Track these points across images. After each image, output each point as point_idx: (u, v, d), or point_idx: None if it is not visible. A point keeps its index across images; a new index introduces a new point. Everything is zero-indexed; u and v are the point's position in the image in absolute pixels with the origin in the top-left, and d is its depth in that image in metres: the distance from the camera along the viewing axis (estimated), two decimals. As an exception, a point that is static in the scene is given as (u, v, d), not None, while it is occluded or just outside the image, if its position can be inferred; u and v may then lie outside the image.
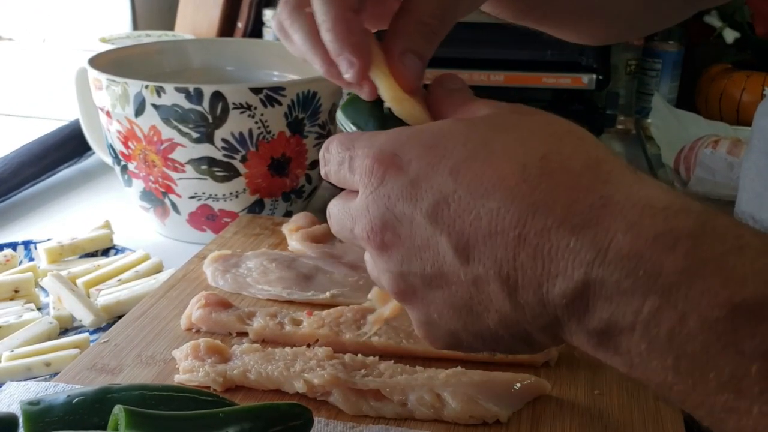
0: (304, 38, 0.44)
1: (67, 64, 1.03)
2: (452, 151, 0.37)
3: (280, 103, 0.82)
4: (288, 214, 0.89)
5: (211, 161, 0.82)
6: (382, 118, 0.44)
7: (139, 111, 0.81)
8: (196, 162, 0.82)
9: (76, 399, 0.46)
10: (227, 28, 1.41)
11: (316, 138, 0.87)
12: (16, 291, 0.73)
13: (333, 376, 0.53)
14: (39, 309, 0.73)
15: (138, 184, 0.88)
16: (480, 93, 0.43)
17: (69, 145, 1.09)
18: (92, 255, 0.83)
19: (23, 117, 1.34)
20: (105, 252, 0.84)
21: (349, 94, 0.47)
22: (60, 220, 0.96)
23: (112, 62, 0.91)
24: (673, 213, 0.33)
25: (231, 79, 1.00)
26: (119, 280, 0.76)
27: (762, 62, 1.38)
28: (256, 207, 0.87)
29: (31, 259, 0.82)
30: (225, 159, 0.83)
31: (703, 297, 0.31)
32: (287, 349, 0.57)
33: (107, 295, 0.72)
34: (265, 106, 0.81)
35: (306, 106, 0.84)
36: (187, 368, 0.55)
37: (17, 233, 0.91)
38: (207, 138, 0.81)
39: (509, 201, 0.35)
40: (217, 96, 0.79)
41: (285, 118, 0.83)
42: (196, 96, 0.79)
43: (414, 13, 0.44)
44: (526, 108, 0.41)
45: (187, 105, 0.79)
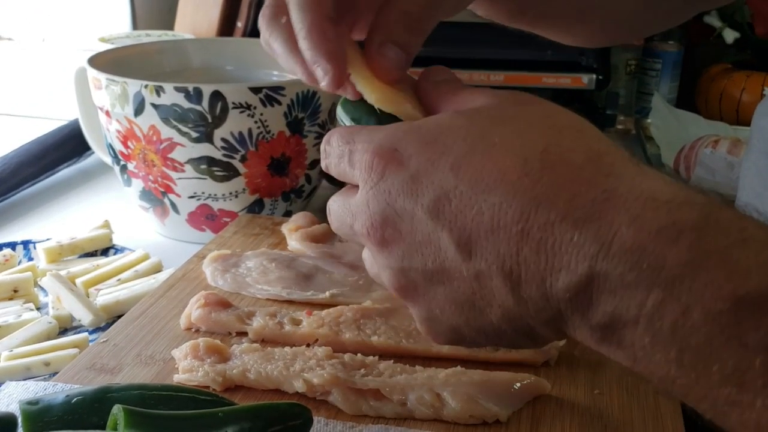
0: (283, 48, 0.44)
1: (67, 64, 1.03)
2: (452, 147, 0.37)
3: (280, 103, 0.82)
4: (288, 214, 0.89)
5: (211, 161, 0.82)
6: (380, 114, 0.44)
7: (139, 110, 0.81)
8: (196, 162, 0.82)
9: (75, 399, 0.46)
10: (227, 28, 1.40)
11: (316, 138, 0.87)
12: (15, 291, 0.73)
13: (332, 376, 0.53)
14: (38, 309, 0.73)
15: (137, 184, 0.87)
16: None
17: (68, 145, 1.09)
18: (91, 255, 0.83)
19: (22, 117, 1.34)
20: (104, 252, 0.84)
21: None
22: (59, 220, 0.96)
23: (112, 62, 0.91)
24: (677, 206, 0.33)
25: (230, 79, 1.00)
26: (118, 280, 0.76)
27: (762, 62, 1.38)
28: (256, 207, 0.87)
29: (30, 259, 0.82)
30: (224, 159, 0.83)
31: (707, 289, 0.31)
32: (287, 349, 0.57)
33: (106, 295, 0.72)
34: (265, 106, 0.81)
35: (305, 106, 0.84)
36: (187, 368, 0.55)
37: (16, 233, 0.91)
38: (206, 138, 0.81)
39: (511, 195, 0.35)
40: (217, 95, 0.79)
41: (284, 118, 0.83)
42: (196, 95, 0.79)
43: (395, 4, 0.43)
44: (525, 96, 0.40)
45: (187, 104, 0.79)
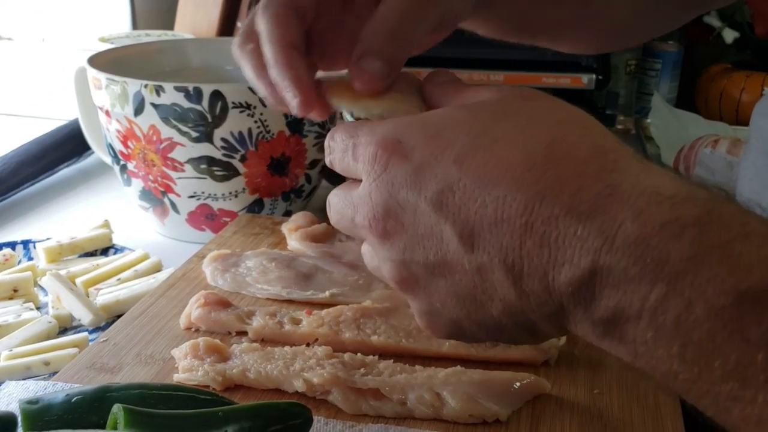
0: (252, 73, 0.47)
1: (67, 64, 1.03)
2: (456, 140, 0.37)
3: (280, 103, 0.82)
4: (287, 214, 0.89)
5: (211, 160, 0.82)
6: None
7: (139, 110, 0.81)
8: (196, 161, 0.82)
9: (75, 398, 0.46)
10: (227, 28, 1.41)
11: (316, 137, 0.87)
12: (15, 290, 0.73)
13: (332, 375, 0.53)
14: (38, 308, 0.73)
15: (137, 184, 0.88)
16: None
17: (68, 145, 1.09)
18: (91, 254, 0.83)
19: (22, 116, 1.34)
20: (104, 251, 0.84)
21: None
22: (59, 220, 0.96)
23: (112, 62, 0.91)
24: (680, 201, 0.33)
25: (230, 79, 1.00)
26: (118, 280, 0.76)
27: (761, 62, 1.39)
28: (256, 206, 0.87)
29: (30, 259, 0.82)
30: (224, 158, 0.83)
31: (710, 284, 0.31)
32: (287, 348, 0.57)
33: (106, 295, 0.72)
34: (265, 106, 0.81)
35: (305, 106, 0.84)
36: (187, 367, 0.55)
37: (16, 232, 0.91)
38: (206, 137, 0.81)
39: (515, 189, 0.35)
40: (217, 95, 0.79)
41: (284, 118, 0.83)
42: (196, 95, 0.79)
43: (374, 17, 0.44)
44: (530, 92, 0.40)
45: (187, 104, 0.79)
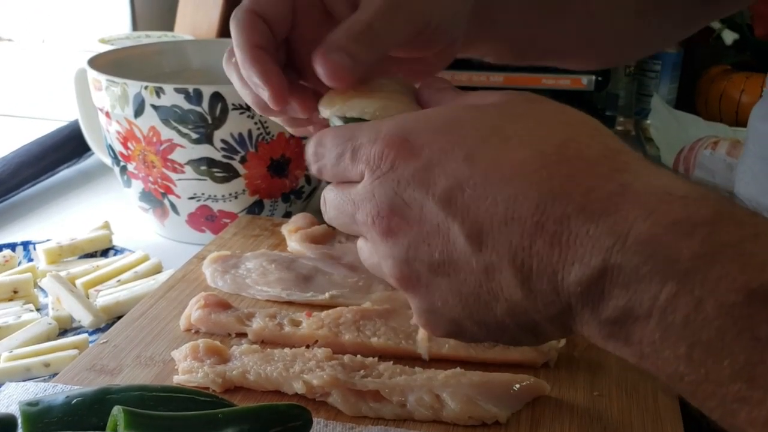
0: (237, 83, 0.50)
1: (67, 65, 1.03)
2: (465, 138, 0.37)
3: (280, 104, 0.82)
4: (287, 215, 0.89)
5: (211, 162, 0.82)
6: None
7: (139, 112, 0.81)
8: (196, 163, 0.82)
9: (75, 400, 0.46)
10: (227, 29, 1.40)
11: (316, 139, 0.87)
12: (15, 291, 0.73)
13: (332, 377, 0.53)
14: (38, 310, 0.73)
15: (137, 185, 0.88)
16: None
17: (68, 146, 1.09)
18: (91, 256, 0.83)
19: (22, 117, 1.34)
20: (104, 253, 0.84)
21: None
22: (59, 221, 0.96)
23: (112, 63, 0.91)
24: (691, 201, 0.33)
25: (230, 80, 1.00)
26: (118, 281, 0.76)
27: (761, 63, 1.39)
28: (256, 208, 0.87)
29: (30, 260, 0.82)
30: (224, 160, 0.83)
31: (720, 282, 0.31)
32: (286, 350, 0.57)
33: (106, 296, 0.72)
34: (264, 108, 0.81)
35: (305, 107, 0.84)
36: (186, 369, 0.55)
37: (16, 234, 0.91)
38: (206, 139, 0.81)
39: (527, 187, 0.35)
40: (217, 97, 0.79)
41: (284, 119, 0.83)
42: (196, 97, 0.79)
43: (342, 23, 0.44)
44: (534, 96, 0.40)
45: (187, 106, 0.79)
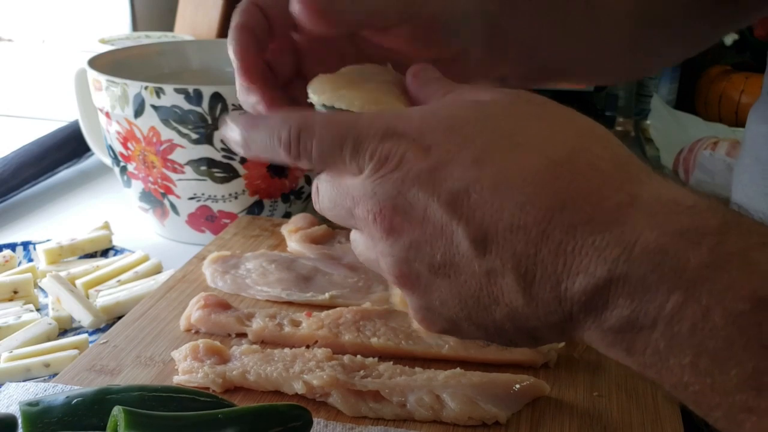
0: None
1: (67, 65, 1.03)
2: (474, 139, 0.36)
3: (280, 104, 0.82)
4: (287, 215, 0.89)
5: (211, 162, 0.82)
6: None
7: (139, 112, 0.81)
8: (196, 163, 0.82)
9: (75, 400, 0.46)
10: (227, 30, 1.40)
11: (316, 139, 0.87)
12: (15, 292, 0.73)
13: (332, 378, 0.53)
14: (38, 310, 0.73)
15: (137, 185, 0.88)
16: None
17: (68, 146, 1.09)
18: (91, 256, 0.83)
19: (22, 118, 1.34)
20: (104, 253, 0.84)
21: None
22: (59, 221, 0.96)
23: (112, 63, 0.91)
24: (699, 211, 0.33)
25: (230, 80, 0.98)
26: (118, 281, 0.76)
27: (761, 64, 1.38)
28: (256, 208, 0.87)
29: (30, 260, 0.82)
30: (224, 160, 0.83)
31: (728, 291, 0.31)
32: (286, 350, 0.57)
33: (106, 296, 0.72)
34: (265, 108, 0.81)
35: (305, 108, 0.84)
36: (186, 369, 0.55)
37: (16, 234, 0.91)
38: (206, 139, 0.81)
39: (536, 196, 0.34)
40: (217, 97, 0.79)
41: (284, 120, 0.83)
42: (196, 97, 0.79)
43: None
44: (534, 96, 0.40)
45: (187, 106, 0.79)
